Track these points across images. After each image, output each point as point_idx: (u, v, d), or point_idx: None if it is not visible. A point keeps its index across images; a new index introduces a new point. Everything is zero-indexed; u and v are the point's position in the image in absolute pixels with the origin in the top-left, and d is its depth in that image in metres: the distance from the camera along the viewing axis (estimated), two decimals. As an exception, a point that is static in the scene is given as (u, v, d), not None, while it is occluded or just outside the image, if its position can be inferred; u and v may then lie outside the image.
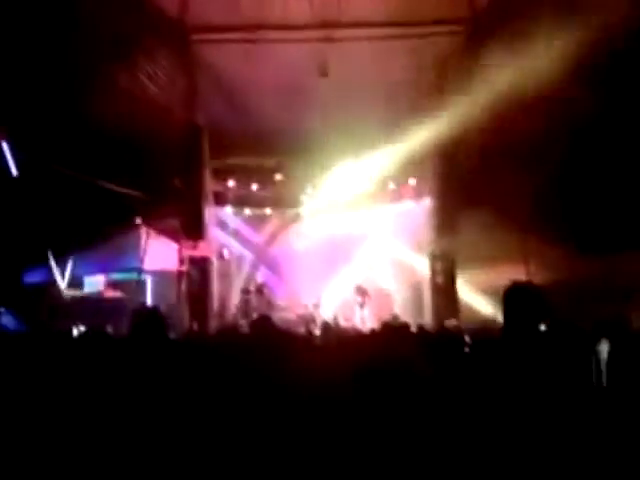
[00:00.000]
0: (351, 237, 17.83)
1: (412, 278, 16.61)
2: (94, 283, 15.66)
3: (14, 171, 13.00)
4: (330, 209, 17.46)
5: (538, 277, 12.87)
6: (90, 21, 11.10)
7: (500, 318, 3.17)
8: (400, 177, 16.50)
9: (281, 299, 17.55)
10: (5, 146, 12.87)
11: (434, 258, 15.08)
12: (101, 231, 13.58)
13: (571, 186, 12.41)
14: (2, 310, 11.84)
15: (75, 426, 3.01)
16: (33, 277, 13.96)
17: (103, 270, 15.71)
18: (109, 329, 10.30)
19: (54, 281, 13.69)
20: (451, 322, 12.43)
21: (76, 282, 15.10)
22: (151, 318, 3.69)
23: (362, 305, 16.33)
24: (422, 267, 15.92)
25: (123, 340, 3.91)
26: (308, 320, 15.54)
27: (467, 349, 4.35)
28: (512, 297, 3.09)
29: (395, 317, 13.73)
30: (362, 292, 16.49)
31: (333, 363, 4.04)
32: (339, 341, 6.19)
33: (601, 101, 11.29)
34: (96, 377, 3.36)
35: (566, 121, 11.85)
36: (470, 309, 14.44)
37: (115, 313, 11.75)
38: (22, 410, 3.14)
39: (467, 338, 5.02)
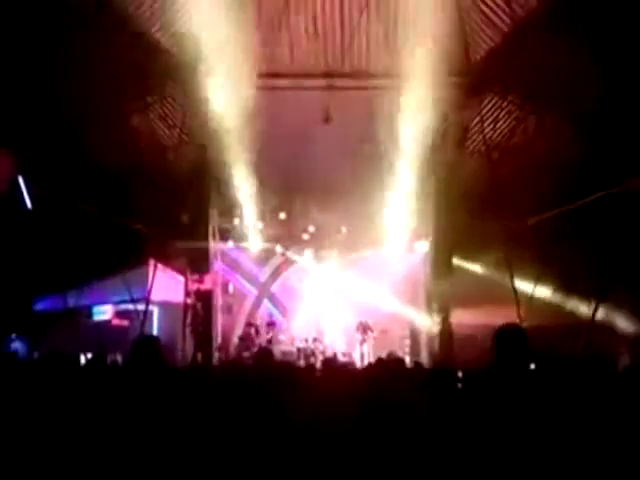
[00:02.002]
0: (352, 275, 18.23)
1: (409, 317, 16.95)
2: (103, 312, 16.08)
3: (29, 204, 13.48)
4: (331, 248, 17.97)
5: (529, 319, 13.30)
6: (106, 62, 11.58)
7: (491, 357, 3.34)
8: (399, 220, 17.00)
9: (282, 333, 17.86)
10: (21, 180, 13.37)
11: (430, 298, 15.40)
12: (111, 262, 14.00)
13: (561, 230, 12.85)
14: (13, 336, 12.25)
15: (76, 447, 3.18)
16: (44, 305, 14.34)
17: (112, 300, 16.04)
18: (117, 357, 10.75)
19: (64, 309, 14.01)
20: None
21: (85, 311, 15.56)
22: (150, 347, 3.77)
23: (363, 341, 16.61)
24: (419, 306, 16.30)
25: (124, 367, 4.06)
26: (308, 354, 15.87)
27: (460, 385, 4.44)
28: (502, 338, 3.30)
29: (391, 354, 13.98)
30: (364, 329, 16.81)
31: (332, 395, 4.15)
32: (338, 375, 6.33)
33: (590, 152, 11.82)
34: (98, 402, 3.51)
35: (556, 170, 12.36)
36: (464, 347, 14.75)
37: (122, 341, 12.11)
38: (27, 432, 3.28)
39: (460, 374, 5.30)
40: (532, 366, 3.56)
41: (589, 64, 10.41)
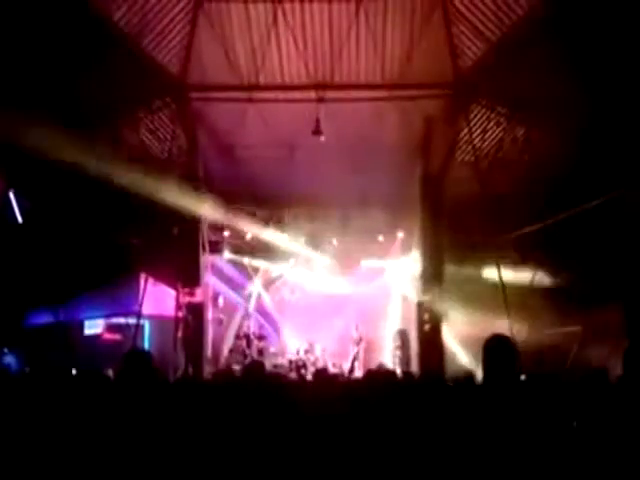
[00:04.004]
0: (342, 286, 18.25)
1: (400, 327, 16.95)
2: (94, 326, 16.01)
3: (19, 219, 13.45)
4: (322, 259, 17.99)
5: (520, 328, 13.34)
6: (97, 78, 11.65)
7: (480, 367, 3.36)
8: (389, 230, 17.06)
9: (273, 345, 17.85)
10: (12, 195, 13.35)
11: (421, 308, 15.39)
12: (102, 276, 13.95)
13: (549, 239, 12.95)
14: (5, 350, 12.18)
15: (69, 462, 3.18)
16: (36, 319, 14.27)
17: (103, 314, 16.03)
18: (109, 370, 10.70)
19: (56, 323, 13.97)
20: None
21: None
22: (141, 360, 3.76)
23: (353, 352, 16.69)
24: (409, 317, 16.30)
25: (116, 381, 3.94)
26: (299, 366, 15.88)
27: (450, 395, 4.47)
28: (490, 348, 3.32)
29: (381, 365, 13.98)
30: (354, 341, 16.87)
31: (323, 407, 4.18)
32: (329, 386, 6.29)
33: (578, 162, 11.93)
34: (90, 416, 3.48)
35: (545, 181, 12.46)
36: (454, 358, 14.79)
37: (113, 355, 12.04)
38: (20, 446, 3.32)
39: (450, 384, 5.31)
40: (522, 377, 3.55)
41: (577, 75, 10.53)
